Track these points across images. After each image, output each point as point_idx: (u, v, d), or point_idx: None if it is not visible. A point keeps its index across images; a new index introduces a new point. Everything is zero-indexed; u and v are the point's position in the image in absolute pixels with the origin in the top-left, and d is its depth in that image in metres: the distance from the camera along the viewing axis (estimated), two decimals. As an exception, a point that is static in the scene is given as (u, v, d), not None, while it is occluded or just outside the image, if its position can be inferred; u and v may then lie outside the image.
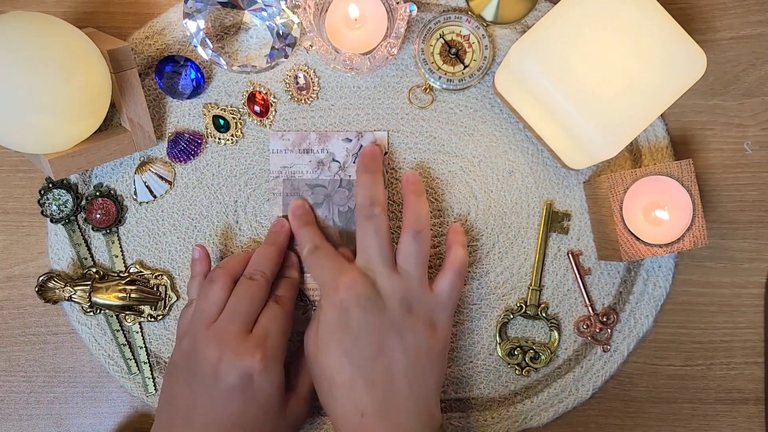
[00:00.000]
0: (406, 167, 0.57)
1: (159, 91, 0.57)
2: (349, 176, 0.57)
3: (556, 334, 0.57)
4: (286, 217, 0.56)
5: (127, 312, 0.56)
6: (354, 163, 0.57)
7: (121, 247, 0.57)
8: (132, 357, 0.57)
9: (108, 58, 0.50)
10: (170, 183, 0.57)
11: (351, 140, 0.57)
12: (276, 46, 0.56)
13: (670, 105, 0.48)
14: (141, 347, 0.57)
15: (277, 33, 0.56)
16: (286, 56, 0.56)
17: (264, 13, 0.56)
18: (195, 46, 0.55)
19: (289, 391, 0.53)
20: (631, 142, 0.57)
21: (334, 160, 0.57)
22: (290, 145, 0.57)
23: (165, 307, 0.57)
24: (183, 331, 0.52)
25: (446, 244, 0.55)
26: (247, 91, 0.57)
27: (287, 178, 0.57)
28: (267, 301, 0.53)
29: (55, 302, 0.57)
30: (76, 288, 0.56)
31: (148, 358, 0.57)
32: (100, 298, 0.56)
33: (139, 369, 0.57)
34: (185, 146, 0.57)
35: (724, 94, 0.58)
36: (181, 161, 0.57)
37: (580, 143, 0.49)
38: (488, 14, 0.57)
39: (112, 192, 0.57)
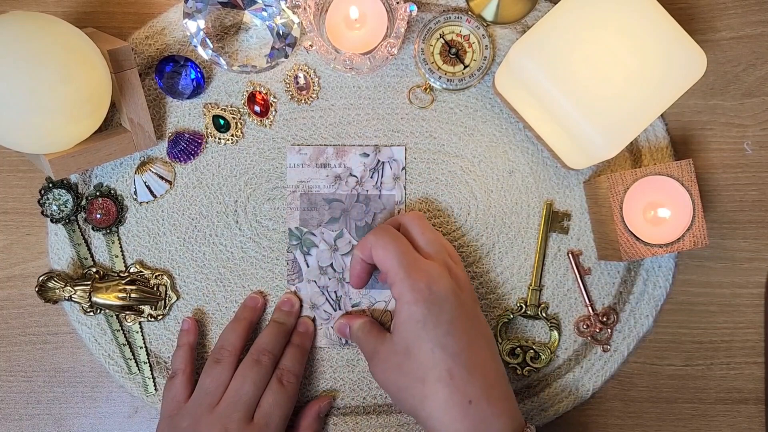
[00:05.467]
0: (407, 167, 0.57)
1: (159, 91, 0.57)
2: (366, 191, 0.57)
3: (556, 334, 0.57)
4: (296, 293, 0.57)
5: (127, 312, 0.56)
6: (371, 177, 0.57)
7: (121, 247, 0.57)
8: (132, 357, 0.57)
9: (108, 58, 0.50)
10: (170, 183, 0.57)
11: (368, 155, 0.57)
12: (276, 46, 0.56)
13: (670, 105, 0.48)
14: (141, 347, 0.57)
15: (277, 33, 0.56)
16: (286, 56, 0.56)
17: (264, 13, 0.56)
18: (195, 46, 0.55)
19: None
20: (631, 142, 0.57)
21: (351, 174, 0.57)
22: (307, 160, 0.57)
23: (165, 307, 0.57)
24: (174, 407, 0.53)
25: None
26: (247, 91, 0.57)
27: (304, 193, 0.57)
28: (270, 379, 0.53)
29: (55, 302, 0.57)
30: (76, 288, 0.56)
31: (148, 358, 0.57)
32: (100, 298, 0.56)
33: (139, 369, 0.57)
34: (185, 146, 0.57)
35: (724, 94, 0.58)
36: (181, 161, 0.57)
37: (580, 143, 0.49)
38: (488, 14, 0.57)
39: (112, 192, 0.57)
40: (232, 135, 0.57)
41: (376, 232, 0.51)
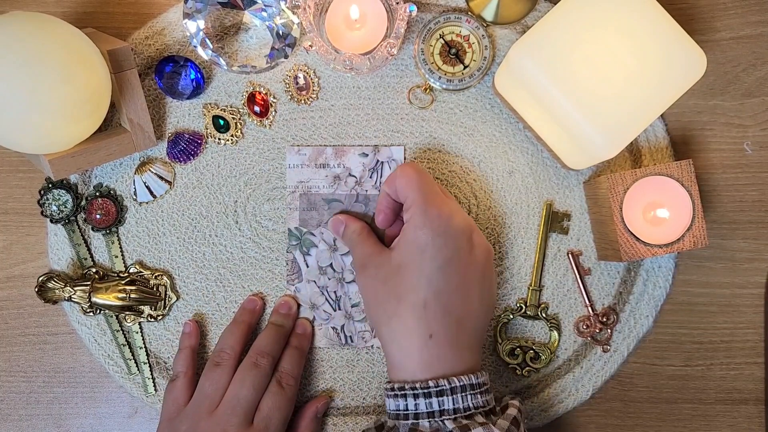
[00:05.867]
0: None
1: (159, 91, 0.57)
2: (366, 191, 0.57)
3: (556, 334, 0.57)
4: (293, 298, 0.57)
5: (127, 312, 0.56)
6: (371, 177, 0.57)
7: (120, 247, 0.57)
8: (132, 357, 0.57)
9: (108, 58, 0.50)
10: (170, 183, 0.57)
11: (367, 155, 0.57)
12: (276, 46, 0.56)
13: (670, 105, 0.48)
14: (141, 347, 0.57)
15: (277, 33, 0.56)
16: (286, 56, 0.56)
17: (264, 13, 0.56)
18: (195, 46, 0.55)
19: None
20: (631, 142, 0.57)
21: (350, 174, 0.57)
22: (306, 160, 0.57)
23: (165, 308, 0.57)
24: (174, 410, 0.53)
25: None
26: (247, 91, 0.57)
27: (304, 193, 0.57)
28: (270, 381, 0.53)
29: (55, 302, 0.57)
30: (76, 288, 0.56)
31: (147, 359, 0.57)
32: (99, 299, 0.56)
33: (138, 369, 0.57)
34: (185, 146, 0.57)
35: (724, 94, 0.58)
36: (181, 161, 0.57)
37: (580, 143, 0.49)
38: (488, 14, 0.57)
39: (112, 192, 0.57)
40: (232, 135, 0.57)
41: (403, 166, 0.51)
